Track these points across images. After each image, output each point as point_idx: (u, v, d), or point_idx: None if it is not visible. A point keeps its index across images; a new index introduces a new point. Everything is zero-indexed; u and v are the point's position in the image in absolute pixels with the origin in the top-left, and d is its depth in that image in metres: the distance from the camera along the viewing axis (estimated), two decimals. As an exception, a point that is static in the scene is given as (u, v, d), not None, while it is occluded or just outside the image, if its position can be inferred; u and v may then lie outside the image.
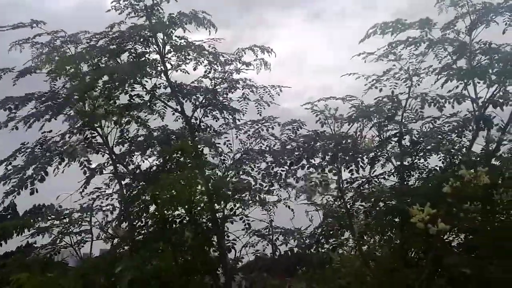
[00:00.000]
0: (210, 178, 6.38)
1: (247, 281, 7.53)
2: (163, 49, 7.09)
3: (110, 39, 7.00)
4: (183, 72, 7.28)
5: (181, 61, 7.21)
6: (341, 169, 6.02)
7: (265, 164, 6.61)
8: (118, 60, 7.11)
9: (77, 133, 7.02)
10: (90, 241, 6.78)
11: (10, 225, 6.54)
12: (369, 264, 6.00)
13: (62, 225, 6.64)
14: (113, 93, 7.01)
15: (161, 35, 7.03)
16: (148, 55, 7.15)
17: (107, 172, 7.28)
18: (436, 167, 6.26)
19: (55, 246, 6.78)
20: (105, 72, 6.78)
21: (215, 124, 7.50)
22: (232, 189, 6.37)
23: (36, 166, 6.38)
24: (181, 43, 7.12)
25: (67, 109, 6.95)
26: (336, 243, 6.18)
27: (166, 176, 5.85)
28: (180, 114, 7.24)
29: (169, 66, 7.17)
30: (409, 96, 6.20)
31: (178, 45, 7.11)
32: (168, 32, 7.01)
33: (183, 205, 5.98)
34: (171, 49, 7.12)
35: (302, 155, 6.00)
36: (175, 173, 6.19)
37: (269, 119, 7.22)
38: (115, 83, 6.87)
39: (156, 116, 7.46)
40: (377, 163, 6.43)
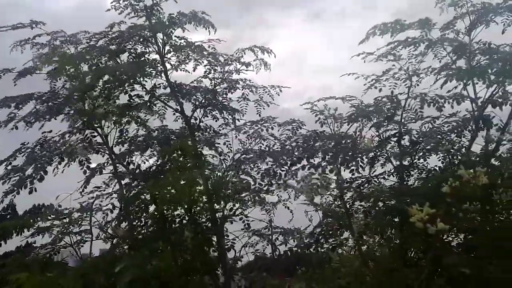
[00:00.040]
0: (210, 178, 6.38)
1: (246, 281, 7.52)
2: (163, 49, 7.10)
3: (110, 39, 7.02)
4: (183, 71, 7.31)
5: (181, 61, 7.22)
6: (341, 169, 6.03)
7: (265, 164, 6.61)
8: (118, 60, 7.11)
9: (77, 133, 7.02)
10: (89, 241, 6.77)
11: (10, 225, 6.51)
12: (368, 264, 5.98)
13: (62, 225, 6.64)
14: (113, 93, 7.01)
15: (161, 35, 7.05)
16: (148, 55, 7.16)
17: (107, 172, 7.29)
18: (436, 167, 6.28)
19: (55, 246, 6.77)
20: (105, 72, 6.79)
21: (214, 124, 7.52)
22: (231, 189, 6.37)
23: (36, 166, 6.37)
24: (181, 43, 7.13)
25: (67, 109, 6.95)
26: (336, 243, 6.17)
27: (169, 175, 5.85)
28: (179, 114, 7.24)
29: (168, 66, 7.19)
30: (408, 96, 6.20)
31: (177, 45, 7.12)
32: (168, 32, 7.03)
33: (182, 205, 5.99)
34: (171, 49, 7.13)
35: (302, 155, 6.01)
36: (175, 173, 6.19)
37: (269, 119, 7.22)
38: (115, 83, 6.88)
39: (156, 116, 7.48)
40: (376, 163, 6.43)
